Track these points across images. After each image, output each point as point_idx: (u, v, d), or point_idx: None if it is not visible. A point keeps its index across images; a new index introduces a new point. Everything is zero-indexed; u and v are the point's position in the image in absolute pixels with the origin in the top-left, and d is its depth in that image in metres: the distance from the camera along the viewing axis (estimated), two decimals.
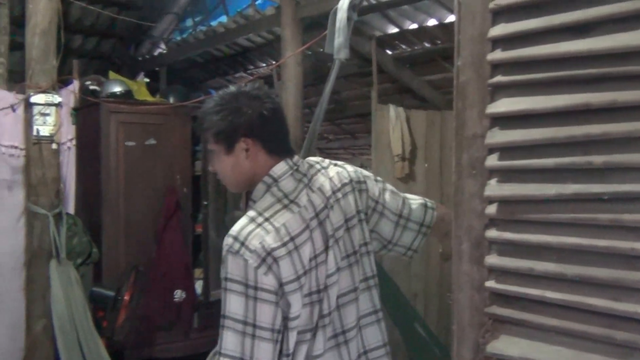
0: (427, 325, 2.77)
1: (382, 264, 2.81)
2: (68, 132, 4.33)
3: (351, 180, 1.65)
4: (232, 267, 1.40)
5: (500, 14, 1.11)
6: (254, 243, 1.41)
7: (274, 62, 5.63)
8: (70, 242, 4.05)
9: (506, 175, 1.11)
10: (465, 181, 1.17)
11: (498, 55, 1.11)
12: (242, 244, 1.41)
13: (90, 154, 4.45)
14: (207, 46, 5.46)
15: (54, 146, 4.00)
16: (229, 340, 1.38)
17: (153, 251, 4.44)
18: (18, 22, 4.48)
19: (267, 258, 1.40)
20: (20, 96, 4.08)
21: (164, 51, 6.18)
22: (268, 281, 1.39)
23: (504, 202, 1.11)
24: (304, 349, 1.48)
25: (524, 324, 1.08)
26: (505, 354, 1.08)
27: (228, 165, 1.55)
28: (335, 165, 1.69)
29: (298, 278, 1.44)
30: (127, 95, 4.62)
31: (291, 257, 1.43)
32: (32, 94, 3.92)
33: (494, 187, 1.12)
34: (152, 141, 4.55)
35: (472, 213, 1.16)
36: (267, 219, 1.46)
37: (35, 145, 3.96)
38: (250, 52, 5.66)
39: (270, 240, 1.42)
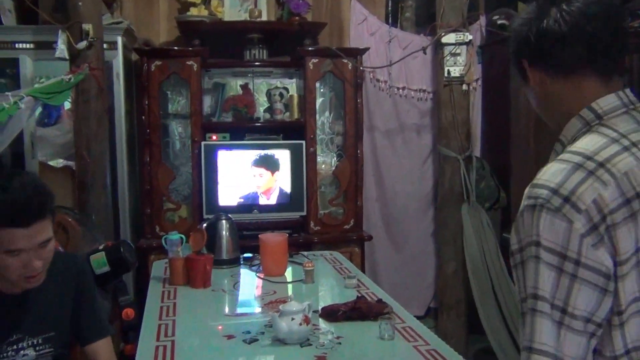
0: None
1: None
2: (475, 72, 4.18)
3: None
4: (545, 229, 0.97)
5: None
6: (585, 199, 0.97)
7: None
8: (478, 185, 3.95)
9: None
10: None
11: None
12: (567, 199, 0.97)
13: (497, 94, 4.23)
14: None
15: (464, 87, 3.89)
16: (543, 329, 0.97)
17: None
18: None
19: (601, 224, 0.96)
20: (430, 38, 4.06)
21: None
22: (597, 257, 0.95)
23: None
24: None
25: None
26: None
27: (532, 98, 1.22)
28: None
29: (637, 252, 0.97)
30: None
31: (635, 221, 0.97)
32: (443, 33, 3.84)
33: None
34: None
35: None
36: (601, 165, 1.00)
37: (445, 87, 3.90)
38: None
39: (609, 197, 0.97)
